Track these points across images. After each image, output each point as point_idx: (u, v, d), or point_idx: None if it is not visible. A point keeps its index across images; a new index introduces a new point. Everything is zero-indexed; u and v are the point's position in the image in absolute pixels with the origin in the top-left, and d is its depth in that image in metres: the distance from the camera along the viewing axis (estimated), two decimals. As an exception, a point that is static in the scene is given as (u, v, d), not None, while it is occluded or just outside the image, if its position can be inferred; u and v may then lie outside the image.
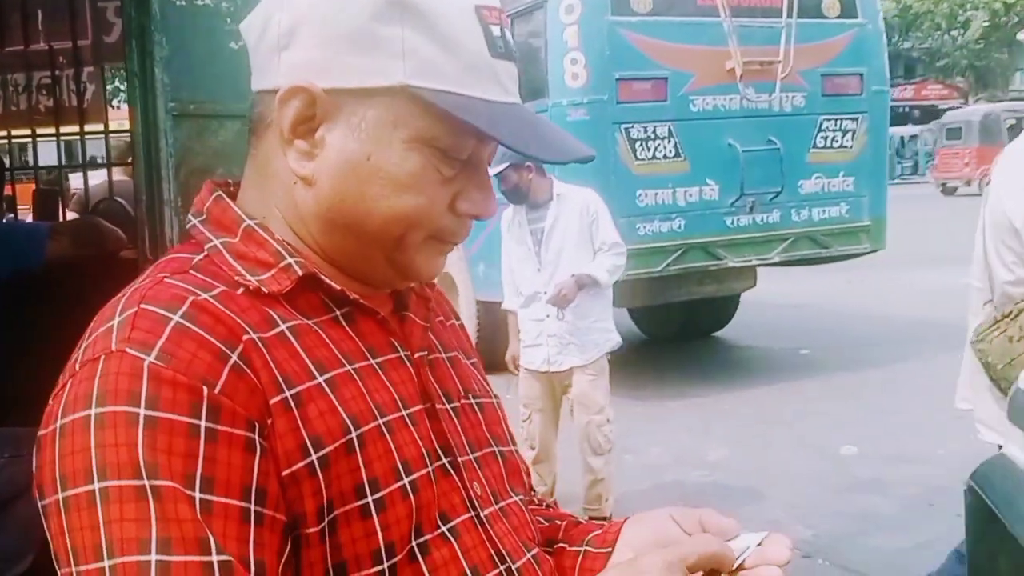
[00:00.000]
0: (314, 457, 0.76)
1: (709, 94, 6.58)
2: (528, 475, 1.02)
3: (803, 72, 6.78)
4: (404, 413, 0.84)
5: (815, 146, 7.00)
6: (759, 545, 0.82)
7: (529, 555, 0.90)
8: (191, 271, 0.82)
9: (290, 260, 0.84)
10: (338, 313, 0.86)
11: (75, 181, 4.04)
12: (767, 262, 7.10)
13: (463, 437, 0.91)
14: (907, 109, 41.50)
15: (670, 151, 6.48)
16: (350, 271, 0.88)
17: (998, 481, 1.92)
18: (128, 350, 0.73)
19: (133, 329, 0.74)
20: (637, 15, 6.40)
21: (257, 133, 0.88)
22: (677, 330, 8.51)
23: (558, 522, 1.04)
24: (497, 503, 0.90)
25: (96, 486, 0.69)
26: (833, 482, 4.90)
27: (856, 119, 7.09)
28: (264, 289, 0.82)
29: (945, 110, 38.66)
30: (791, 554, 0.80)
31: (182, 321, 0.75)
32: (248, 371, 0.75)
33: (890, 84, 7.86)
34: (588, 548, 0.98)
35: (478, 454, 0.92)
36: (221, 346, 0.75)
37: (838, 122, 7.05)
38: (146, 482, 0.69)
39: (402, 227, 0.84)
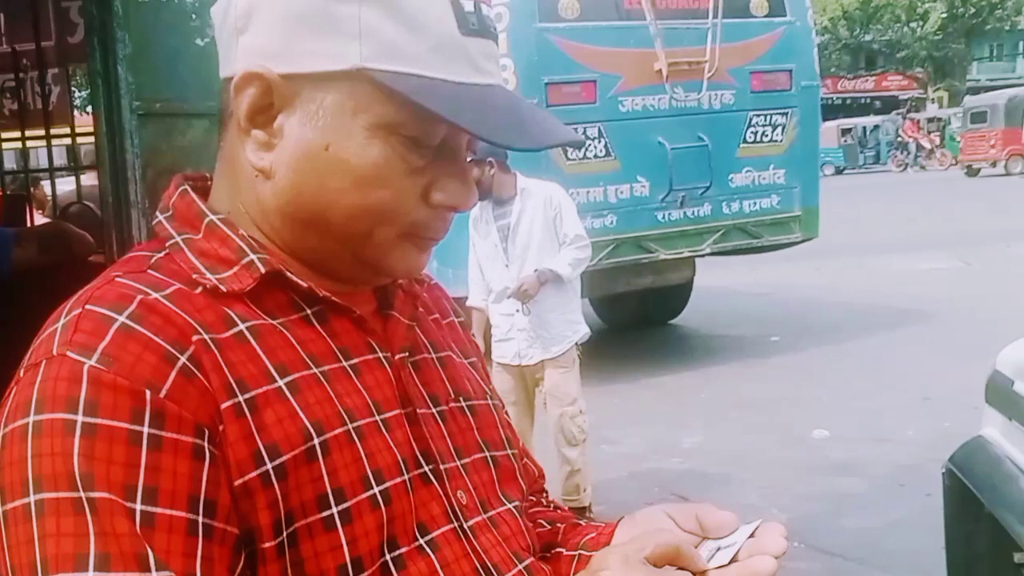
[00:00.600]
0: (269, 466, 0.70)
1: (638, 95, 6.71)
2: (541, 477, 0.94)
3: (732, 70, 6.90)
4: (379, 418, 0.78)
5: (745, 141, 7.13)
6: (751, 537, 0.77)
7: (520, 566, 0.83)
8: (149, 270, 0.76)
9: (253, 257, 0.78)
10: (308, 312, 0.79)
11: (66, 185, 3.92)
12: (699, 253, 7.27)
13: (449, 443, 0.83)
14: (868, 100, 41.77)
15: (600, 151, 6.61)
16: (321, 269, 0.82)
17: (977, 463, 1.90)
18: (69, 354, 0.68)
19: (75, 332, 0.69)
20: (565, 21, 6.49)
21: (224, 124, 0.82)
22: (634, 318, 8.58)
23: (559, 525, 0.97)
24: (486, 512, 0.83)
25: (32, 499, 0.64)
26: (806, 465, 4.89)
27: (786, 114, 7.23)
28: (223, 287, 0.76)
29: (905, 100, 38.99)
30: (786, 543, 0.76)
31: (127, 322, 0.69)
32: (198, 374, 0.70)
33: (852, 76, 7.99)
34: (582, 552, 0.91)
35: (466, 460, 0.84)
36: (169, 347, 0.69)
37: (768, 117, 7.18)
38: (82, 494, 0.64)
39: (367, 223, 0.77)
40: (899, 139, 29.46)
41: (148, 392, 0.67)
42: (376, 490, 0.74)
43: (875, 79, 42.35)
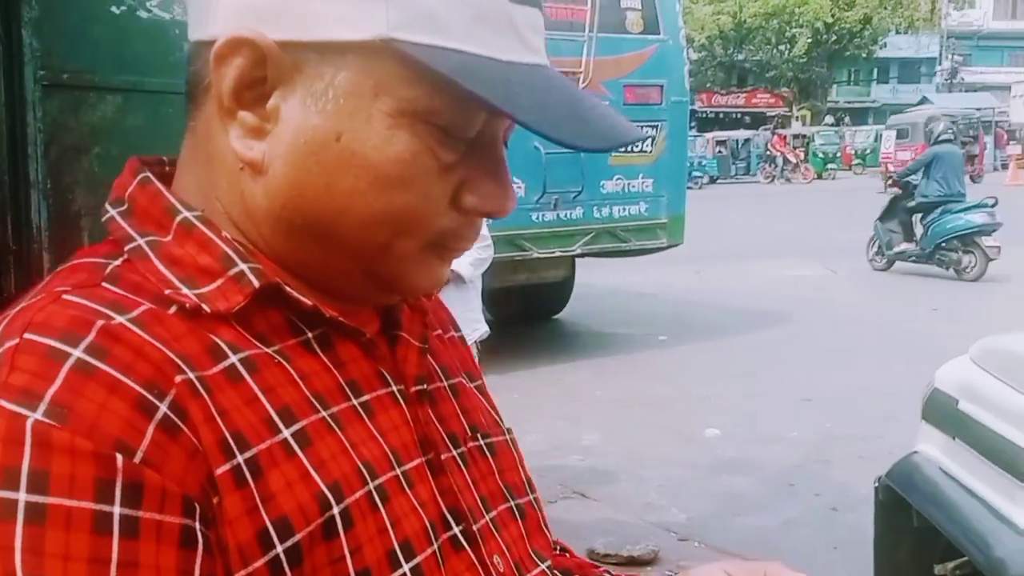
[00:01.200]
0: (280, 550, 0.51)
1: None
2: (548, 528, 0.76)
3: (606, 82, 6.92)
4: (399, 471, 0.59)
5: (616, 150, 7.10)
6: None
7: None
8: (104, 283, 0.55)
9: (243, 267, 0.58)
10: (309, 336, 0.60)
11: None
12: (570, 253, 7.37)
13: (475, 493, 0.65)
14: (739, 115, 42.99)
15: None
16: (318, 284, 0.61)
17: (919, 481, 1.81)
18: (2, 403, 0.47)
19: (12, 371, 0.48)
20: None
21: (195, 99, 0.60)
22: (519, 313, 8.54)
23: None
24: None
25: None
26: (700, 464, 4.84)
27: (656, 126, 7.32)
28: (206, 307, 0.55)
29: (772, 117, 40.27)
30: None
31: (85, 357, 0.49)
32: (183, 428, 0.50)
33: (725, 92, 8.24)
34: None
35: (493, 513, 0.67)
36: (143, 392, 0.49)
37: (639, 128, 7.21)
38: None
39: (386, 232, 0.58)
40: (768, 153, 30.32)
41: (119, 456, 0.47)
42: (406, 568, 0.56)
43: (746, 95, 43.62)
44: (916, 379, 5.56)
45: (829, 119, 39.20)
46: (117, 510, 0.46)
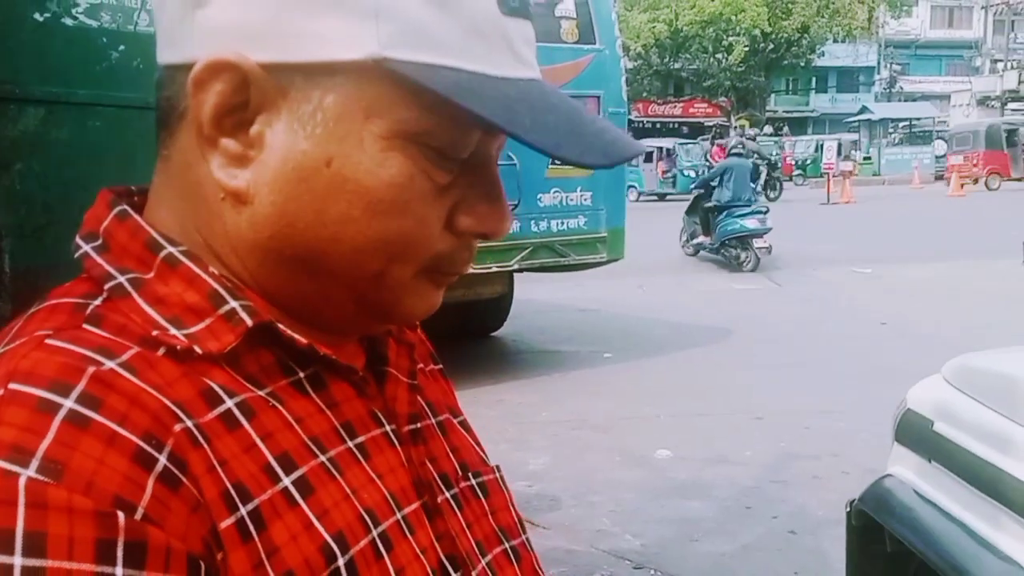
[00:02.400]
0: None
1: None
2: (541, 569, 0.76)
3: None
4: (399, 516, 0.58)
5: (553, 163, 7.17)
6: None
7: None
8: (86, 325, 0.53)
9: (234, 304, 0.56)
10: (301, 376, 0.58)
11: None
12: (507, 269, 7.36)
13: (470, 537, 0.64)
14: (677, 124, 43.70)
15: None
16: (305, 317, 0.60)
17: (893, 503, 1.83)
18: None
19: (0, 426, 0.45)
20: None
21: (167, 126, 0.58)
22: (453, 330, 8.47)
23: None
24: None
25: None
26: (653, 487, 4.85)
27: None
28: (198, 349, 0.53)
29: (711, 126, 41.02)
30: None
31: (78, 408, 0.47)
32: (184, 480, 0.48)
33: (662, 101, 8.38)
34: None
35: (489, 557, 0.67)
36: (141, 443, 0.47)
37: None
38: None
39: (381, 260, 0.58)
40: (707, 163, 30.80)
41: (120, 514, 0.45)
42: None
43: (683, 105, 44.39)
44: (867, 396, 5.74)
45: (768, 129, 40.05)
46: (120, 572, 0.45)
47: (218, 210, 0.57)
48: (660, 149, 31.35)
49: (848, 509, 2.01)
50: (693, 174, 27.57)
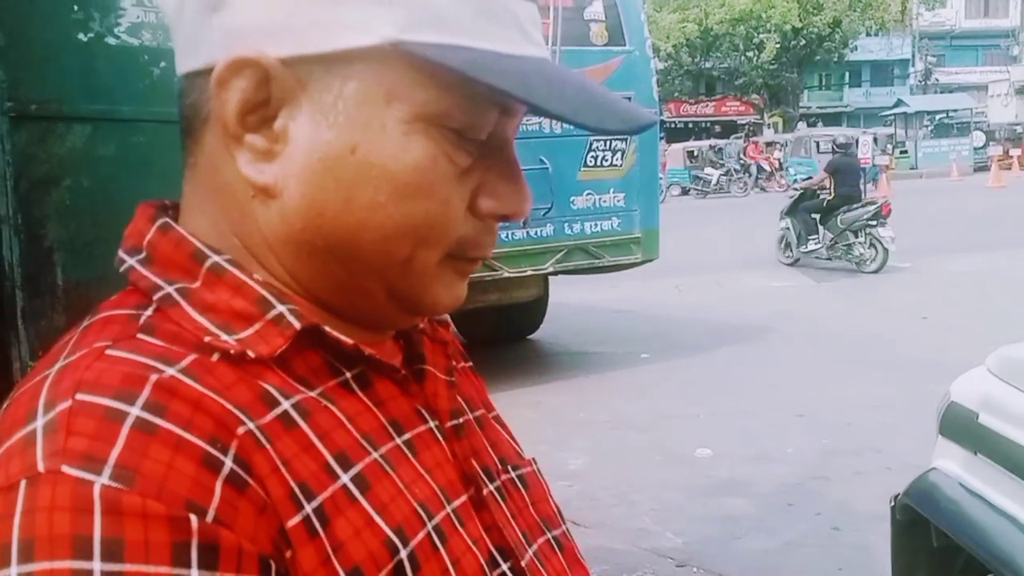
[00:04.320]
0: None
1: None
2: (583, 557, 0.77)
3: None
4: (449, 509, 0.59)
5: (586, 165, 7.26)
6: None
7: None
8: (140, 335, 0.54)
9: (281, 308, 0.57)
10: (348, 376, 0.59)
11: None
12: (541, 271, 7.37)
13: (516, 528, 0.66)
14: (709, 124, 43.40)
15: None
16: (343, 313, 0.61)
17: (938, 497, 1.81)
18: (65, 469, 0.46)
19: (69, 435, 0.47)
20: None
21: (192, 133, 0.60)
22: (492, 334, 8.51)
23: None
24: None
25: None
26: (693, 485, 4.83)
27: (625, 139, 7.34)
28: (250, 353, 0.54)
29: (743, 125, 40.74)
30: None
31: (144, 415, 0.48)
32: (250, 481, 0.49)
33: (694, 101, 8.32)
34: None
35: (535, 547, 0.68)
36: (207, 447, 0.48)
37: (608, 142, 7.31)
38: None
39: (408, 245, 0.58)
40: (741, 161, 30.59)
41: (193, 517, 0.46)
42: None
43: (715, 104, 44.07)
44: (909, 390, 5.67)
45: (802, 125, 39.66)
46: (195, 573, 0.46)
47: (249, 208, 0.59)
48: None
49: (892, 504, 1.99)
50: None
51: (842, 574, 3.73)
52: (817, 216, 12.32)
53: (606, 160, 7.30)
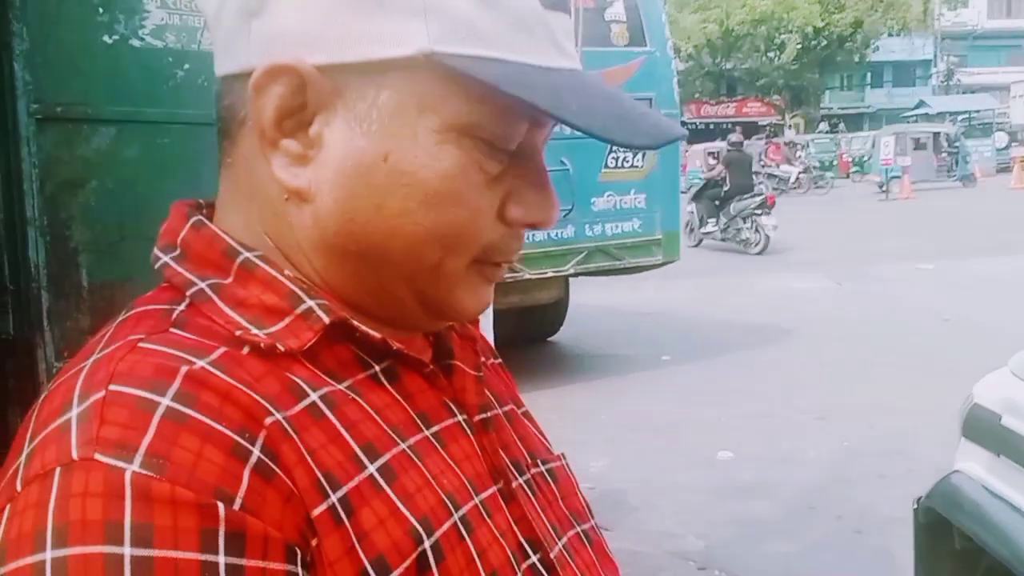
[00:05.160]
0: None
1: None
2: (612, 552, 0.78)
3: None
4: (477, 500, 0.60)
5: (607, 166, 7.28)
6: None
7: None
8: (173, 329, 0.55)
9: (311, 303, 0.58)
10: (377, 369, 0.61)
11: None
12: (562, 273, 7.37)
13: (545, 521, 0.66)
14: (730, 125, 43.24)
15: None
16: (371, 313, 0.62)
17: (962, 500, 1.80)
18: (98, 457, 0.47)
19: (102, 424, 0.48)
20: None
21: (229, 135, 0.61)
22: (514, 335, 8.52)
23: None
24: None
25: None
26: (715, 488, 4.82)
27: None
28: (280, 346, 0.56)
29: (764, 126, 40.55)
30: None
31: (175, 405, 0.49)
32: (278, 471, 0.51)
33: (715, 102, 8.31)
34: None
35: (564, 540, 0.68)
36: (236, 437, 0.50)
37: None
38: None
39: (437, 251, 0.60)
40: (762, 163, 30.44)
41: (220, 505, 0.48)
42: None
43: (736, 105, 43.90)
44: (931, 393, 5.63)
45: (823, 126, 39.45)
46: (222, 559, 0.47)
47: (283, 211, 0.60)
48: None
49: (915, 506, 1.98)
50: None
51: (865, 577, 3.71)
52: (717, 203, 14.04)
53: (627, 161, 7.30)
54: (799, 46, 39.07)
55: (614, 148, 7.25)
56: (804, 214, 20.93)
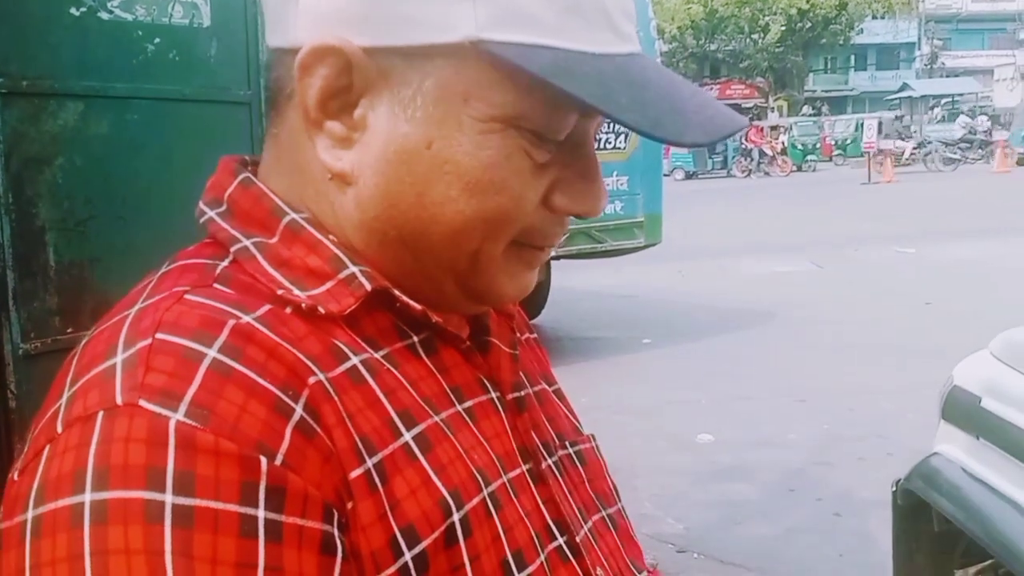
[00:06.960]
0: (408, 558, 0.52)
1: None
2: (636, 537, 0.77)
3: None
4: (505, 479, 0.61)
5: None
6: None
7: None
8: (216, 283, 0.55)
9: (354, 269, 0.59)
10: (415, 340, 0.61)
11: None
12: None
13: (572, 503, 0.66)
14: (713, 107, 43.25)
15: None
16: (409, 293, 0.62)
17: (940, 482, 1.81)
18: (143, 403, 0.48)
19: (148, 371, 0.49)
20: None
21: (277, 107, 0.61)
22: None
23: None
24: None
25: None
26: (696, 471, 4.84)
27: None
28: (321, 309, 0.56)
29: (748, 108, 40.61)
30: None
31: (221, 357, 0.49)
32: (318, 430, 0.51)
33: (699, 83, 8.34)
34: None
35: (590, 523, 0.68)
36: (279, 393, 0.50)
37: (611, 125, 7.22)
38: None
39: (477, 238, 0.59)
40: (743, 146, 30.51)
41: (263, 459, 0.48)
42: None
43: (720, 87, 43.93)
44: (912, 376, 5.67)
45: (807, 109, 39.56)
46: (262, 513, 0.47)
47: (325, 190, 0.60)
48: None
49: (894, 489, 1.99)
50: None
51: (843, 560, 3.73)
52: None
53: (609, 143, 7.25)
54: (783, 28, 39.16)
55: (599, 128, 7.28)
56: (786, 197, 21.00)
